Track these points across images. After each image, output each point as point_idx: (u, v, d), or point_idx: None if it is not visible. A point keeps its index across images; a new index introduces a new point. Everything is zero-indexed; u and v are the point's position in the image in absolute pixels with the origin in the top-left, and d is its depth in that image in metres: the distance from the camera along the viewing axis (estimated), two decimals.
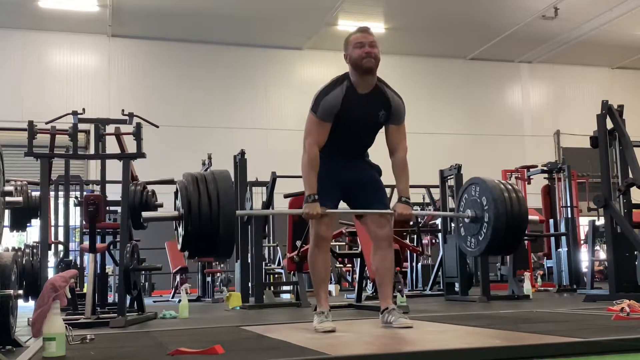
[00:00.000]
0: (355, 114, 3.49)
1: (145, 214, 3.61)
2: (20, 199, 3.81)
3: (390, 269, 3.65)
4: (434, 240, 10.67)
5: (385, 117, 3.57)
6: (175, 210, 3.38)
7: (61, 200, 6.86)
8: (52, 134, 5.49)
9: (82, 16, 13.10)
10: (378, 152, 3.74)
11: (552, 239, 8.79)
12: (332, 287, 9.48)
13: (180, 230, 3.28)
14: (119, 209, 5.25)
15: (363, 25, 3.85)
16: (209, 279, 9.17)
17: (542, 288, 8.96)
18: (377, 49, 3.52)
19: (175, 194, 3.36)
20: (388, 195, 4.03)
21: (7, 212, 5.29)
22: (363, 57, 3.47)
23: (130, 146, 5.20)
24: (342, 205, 3.73)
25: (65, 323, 2.76)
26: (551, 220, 8.94)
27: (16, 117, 11.80)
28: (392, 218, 3.65)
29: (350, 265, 10.20)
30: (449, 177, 7.27)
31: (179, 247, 3.36)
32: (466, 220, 3.88)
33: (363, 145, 3.70)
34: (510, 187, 3.82)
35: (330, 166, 3.55)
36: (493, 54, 15.94)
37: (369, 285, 7.57)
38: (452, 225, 7.22)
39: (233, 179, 7.26)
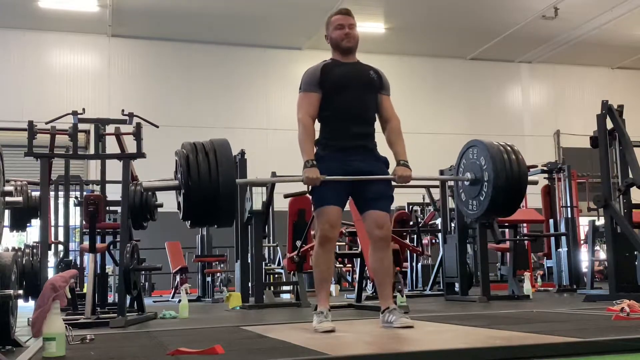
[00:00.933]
0: (341, 74, 3.63)
1: (145, 184, 3.62)
2: (20, 199, 3.81)
3: (390, 268, 3.65)
4: (434, 240, 10.67)
5: (378, 79, 3.69)
6: (175, 179, 3.38)
7: (61, 200, 6.87)
8: (52, 134, 5.49)
9: (82, 16, 13.11)
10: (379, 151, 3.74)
11: (552, 239, 8.78)
12: (332, 287, 9.48)
13: (181, 199, 3.28)
14: (119, 209, 5.25)
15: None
16: (209, 279, 9.18)
17: (542, 288, 8.96)
18: (355, 29, 3.67)
19: (176, 162, 3.37)
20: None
21: (7, 212, 5.29)
22: (343, 38, 3.64)
23: (130, 146, 5.20)
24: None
25: (65, 323, 2.76)
26: (551, 220, 8.94)
27: (16, 117, 11.79)
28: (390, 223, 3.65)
29: (350, 265, 10.20)
30: None
31: (180, 215, 3.35)
32: (466, 183, 3.90)
33: (367, 113, 3.66)
34: (509, 148, 3.82)
35: (336, 147, 3.56)
36: (493, 54, 15.94)
37: (369, 285, 7.57)
38: (453, 225, 7.23)
39: (235, 177, 7.28)
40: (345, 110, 3.60)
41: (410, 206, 10.51)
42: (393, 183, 3.69)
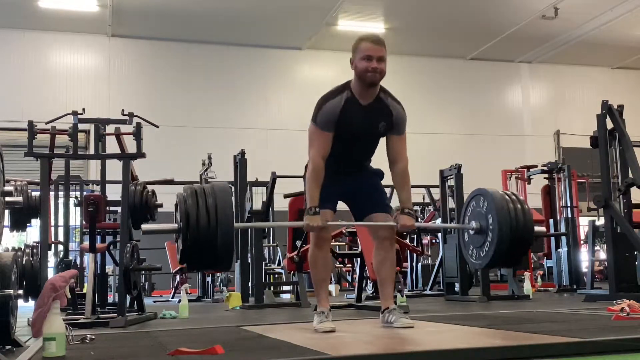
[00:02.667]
0: (355, 124, 3.47)
1: (144, 227, 3.63)
2: (20, 199, 3.82)
3: (392, 269, 3.65)
4: (434, 240, 10.67)
5: (386, 128, 3.55)
6: (175, 222, 3.37)
7: (61, 200, 6.87)
8: (52, 134, 5.50)
9: (82, 16, 13.10)
10: (379, 155, 3.74)
11: (552, 239, 8.78)
12: (332, 287, 9.48)
13: (180, 243, 3.28)
14: (119, 209, 5.25)
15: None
16: (209, 279, 9.17)
17: (542, 288, 8.96)
18: (384, 63, 3.44)
19: (175, 206, 3.36)
20: (388, 195, 4.02)
21: (7, 212, 5.29)
22: (368, 71, 3.40)
23: (130, 146, 5.20)
24: (342, 206, 3.73)
25: (65, 323, 2.75)
26: (551, 220, 8.94)
27: (16, 117, 11.79)
28: (395, 228, 3.65)
29: (350, 265, 10.20)
30: (449, 177, 7.27)
31: (178, 259, 3.35)
32: (471, 232, 3.82)
33: (364, 155, 3.70)
34: (514, 197, 3.73)
35: (333, 175, 3.54)
36: (493, 54, 15.94)
37: (369, 285, 7.57)
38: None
39: (233, 179, 7.29)
40: (347, 154, 3.58)
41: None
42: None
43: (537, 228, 3.88)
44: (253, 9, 13.11)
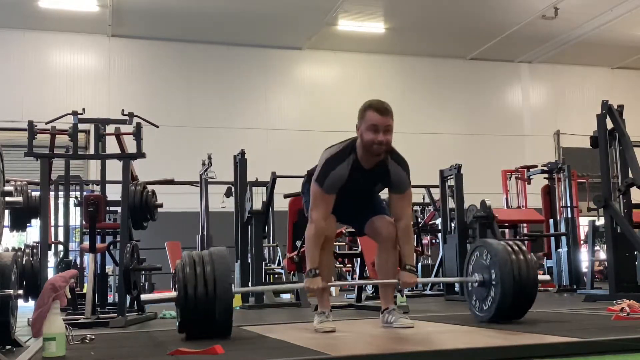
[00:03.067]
0: (354, 186, 3.48)
1: (144, 297, 3.67)
2: (20, 199, 3.81)
3: (394, 270, 3.66)
4: (434, 240, 10.67)
5: (381, 188, 3.59)
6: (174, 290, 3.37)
7: (61, 200, 6.87)
8: (52, 134, 5.50)
9: (82, 16, 13.10)
10: None
11: (552, 239, 8.78)
12: (332, 287, 9.48)
13: (178, 312, 3.26)
14: (119, 209, 5.26)
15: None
16: None
17: (542, 288, 8.95)
18: (390, 133, 3.37)
19: (174, 275, 3.35)
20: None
21: (7, 212, 5.29)
22: (374, 144, 3.34)
23: (130, 146, 5.20)
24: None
25: (65, 323, 2.76)
26: (551, 220, 8.94)
27: (16, 117, 11.79)
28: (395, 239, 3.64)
29: (350, 265, 10.20)
30: (449, 177, 7.27)
31: (177, 329, 3.32)
32: (475, 284, 3.77)
33: (358, 206, 3.72)
34: (517, 248, 3.68)
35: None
36: (493, 54, 15.93)
37: (369, 285, 7.56)
38: (453, 225, 7.23)
39: (233, 179, 7.29)
40: (340, 206, 3.56)
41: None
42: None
43: (541, 277, 3.80)
44: (253, 9, 13.11)
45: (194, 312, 3.15)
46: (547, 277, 4.59)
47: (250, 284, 6.72)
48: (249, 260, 6.72)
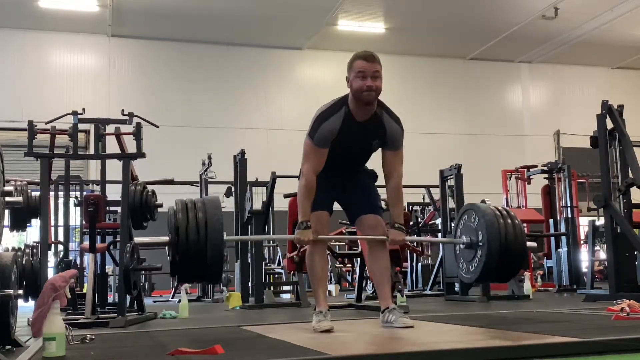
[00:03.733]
0: (350, 141, 3.49)
1: (137, 240, 3.67)
2: (20, 199, 3.81)
3: (387, 268, 3.66)
4: None
5: (379, 145, 3.57)
6: (168, 234, 3.39)
7: (61, 200, 6.87)
8: (52, 134, 5.50)
9: (82, 16, 13.11)
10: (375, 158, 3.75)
11: (552, 239, 8.79)
12: (332, 287, 9.49)
13: (169, 256, 3.30)
14: (119, 209, 5.25)
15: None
16: None
17: (542, 288, 8.96)
18: (380, 79, 3.40)
19: (168, 219, 3.38)
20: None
21: (7, 212, 5.29)
22: (364, 90, 3.36)
23: (130, 146, 5.20)
24: (337, 206, 3.73)
25: (65, 323, 2.75)
26: (551, 220, 8.94)
27: (16, 117, 11.80)
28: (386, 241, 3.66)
29: (350, 265, 10.20)
30: (449, 177, 7.27)
31: (170, 271, 3.37)
32: (461, 246, 3.83)
33: (356, 166, 3.73)
34: (505, 213, 3.73)
35: (324, 176, 3.55)
36: (493, 54, 15.94)
37: (369, 285, 7.57)
38: (452, 224, 7.23)
39: (233, 179, 7.29)
40: (337, 165, 3.59)
41: (410, 206, 10.52)
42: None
43: (529, 243, 3.82)
44: (253, 9, 13.12)
45: (186, 255, 3.19)
46: (534, 244, 4.61)
47: (250, 284, 6.72)
48: (249, 260, 6.72)
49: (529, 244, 3.80)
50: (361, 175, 3.74)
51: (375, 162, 3.74)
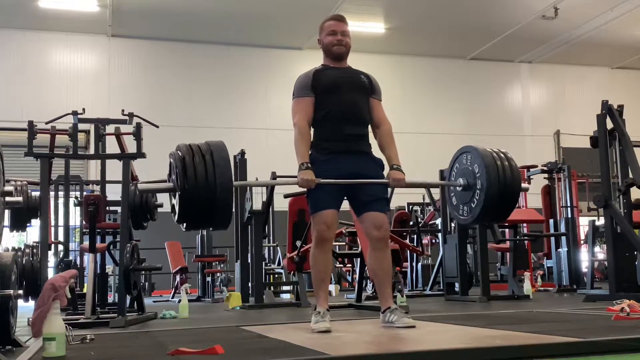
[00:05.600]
0: (335, 79, 3.66)
1: (141, 186, 3.59)
2: (20, 199, 3.82)
3: (389, 269, 3.65)
4: (434, 240, 10.67)
5: (369, 83, 3.71)
6: (169, 182, 3.34)
7: (61, 200, 6.87)
8: (52, 134, 5.49)
9: (82, 16, 13.11)
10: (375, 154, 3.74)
11: (552, 239, 8.79)
12: (332, 287, 9.48)
13: (175, 201, 3.23)
14: (119, 209, 5.25)
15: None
16: (209, 279, 9.17)
17: (542, 288, 8.96)
18: (348, 37, 3.70)
19: (170, 165, 3.34)
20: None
21: (7, 212, 5.29)
22: (334, 44, 3.67)
23: (130, 146, 5.20)
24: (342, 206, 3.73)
25: (65, 323, 2.75)
26: (551, 220, 8.94)
27: (16, 117, 11.80)
28: (388, 229, 3.67)
29: (350, 265, 10.20)
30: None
31: (175, 218, 3.29)
32: (458, 188, 3.86)
33: (360, 115, 3.67)
34: (502, 155, 3.79)
35: (333, 154, 3.56)
36: (493, 54, 15.94)
37: (369, 285, 7.57)
38: (453, 225, 7.23)
39: (233, 179, 7.28)
40: (338, 111, 3.62)
41: (410, 206, 10.52)
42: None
43: (523, 185, 3.90)
44: (253, 9, 13.12)
45: (194, 200, 3.12)
46: (528, 185, 4.66)
47: (250, 284, 6.72)
48: (249, 260, 6.72)
49: (523, 185, 3.88)
50: (369, 160, 3.67)
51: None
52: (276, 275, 9.17)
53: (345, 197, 3.68)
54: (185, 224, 3.25)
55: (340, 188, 3.60)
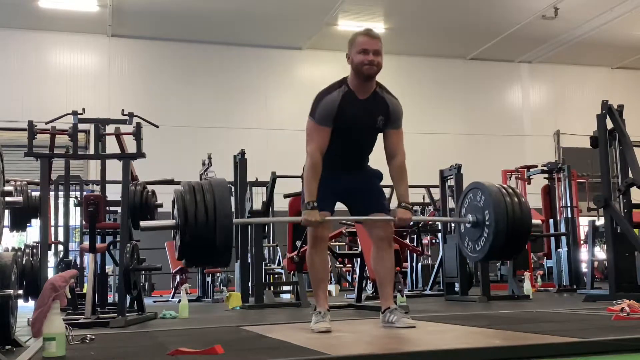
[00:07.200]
0: (354, 117, 3.48)
1: (143, 223, 3.60)
2: (20, 199, 3.81)
3: (391, 269, 3.65)
4: (434, 240, 10.67)
5: (384, 123, 3.55)
6: (172, 219, 3.36)
7: (61, 200, 6.87)
8: (52, 134, 5.50)
9: (82, 16, 13.10)
10: (377, 158, 3.74)
11: (552, 239, 8.79)
12: (332, 287, 9.48)
13: (177, 239, 3.27)
14: (119, 209, 5.25)
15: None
16: (209, 279, 9.17)
17: (542, 288, 8.96)
18: (380, 56, 3.46)
19: (173, 202, 3.36)
20: (387, 196, 4.02)
21: (7, 212, 5.29)
22: (365, 64, 3.42)
23: (130, 146, 5.20)
24: (340, 206, 3.73)
25: (65, 323, 2.76)
26: (551, 220, 8.94)
27: (16, 117, 11.78)
28: (392, 227, 3.66)
29: (350, 265, 10.20)
30: (449, 177, 7.27)
31: (177, 255, 3.34)
32: (467, 225, 3.83)
33: (363, 152, 3.68)
34: (511, 190, 3.74)
35: (331, 171, 3.53)
36: (493, 54, 15.94)
37: (369, 285, 7.57)
38: (453, 225, 7.23)
39: (233, 179, 7.29)
40: (344, 150, 3.57)
41: (410, 206, 10.50)
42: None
43: (535, 220, 3.87)
44: (253, 9, 13.11)
45: (194, 239, 3.14)
46: (539, 221, 4.62)
47: (250, 284, 6.72)
48: (249, 260, 6.71)
49: (534, 221, 3.83)
50: (367, 174, 3.70)
51: (377, 161, 3.74)
52: (276, 275, 9.17)
53: (341, 201, 3.70)
54: (184, 261, 3.28)
55: (336, 194, 3.62)
